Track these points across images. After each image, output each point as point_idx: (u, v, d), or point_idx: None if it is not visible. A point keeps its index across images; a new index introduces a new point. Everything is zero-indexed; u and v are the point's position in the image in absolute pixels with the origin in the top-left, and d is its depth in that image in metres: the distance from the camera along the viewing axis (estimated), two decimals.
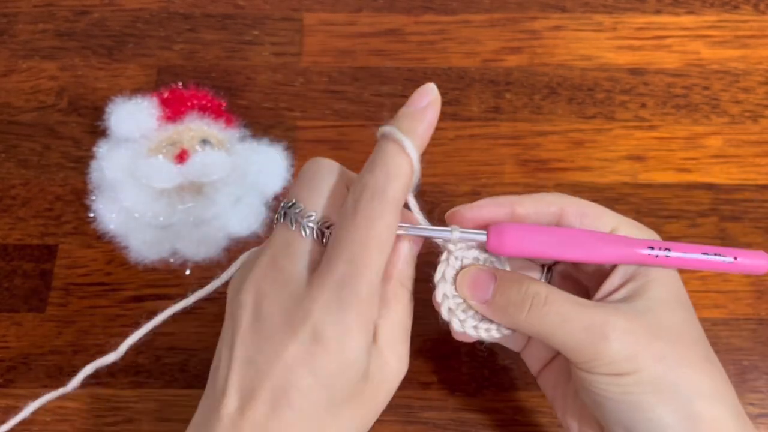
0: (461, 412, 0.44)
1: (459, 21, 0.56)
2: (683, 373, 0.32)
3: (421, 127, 0.31)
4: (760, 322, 0.46)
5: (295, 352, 0.29)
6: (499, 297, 0.34)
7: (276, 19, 0.56)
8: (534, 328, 0.33)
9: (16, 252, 0.48)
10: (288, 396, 0.29)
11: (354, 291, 0.30)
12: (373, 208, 0.30)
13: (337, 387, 0.30)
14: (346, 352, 0.30)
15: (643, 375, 0.32)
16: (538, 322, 0.33)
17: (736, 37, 0.55)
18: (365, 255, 0.30)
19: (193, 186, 0.47)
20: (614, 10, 0.56)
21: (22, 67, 0.54)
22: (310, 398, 0.30)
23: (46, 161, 0.51)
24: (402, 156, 0.31)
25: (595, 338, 0.32)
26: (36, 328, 0.46)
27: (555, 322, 0.32)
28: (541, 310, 0.33)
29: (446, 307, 0.34)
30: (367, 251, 0.30)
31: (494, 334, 0.35)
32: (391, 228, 0.30)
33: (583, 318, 0.32)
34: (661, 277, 0.34)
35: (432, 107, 0.32)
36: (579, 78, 0.54)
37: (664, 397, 0.32)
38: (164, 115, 0.49)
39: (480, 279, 0.34)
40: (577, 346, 0.32)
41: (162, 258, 0.47)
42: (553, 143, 0.52)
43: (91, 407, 0.44)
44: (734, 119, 0.53)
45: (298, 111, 0.53)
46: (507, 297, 0.33)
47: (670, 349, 0.32)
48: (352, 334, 0.30)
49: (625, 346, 0.32)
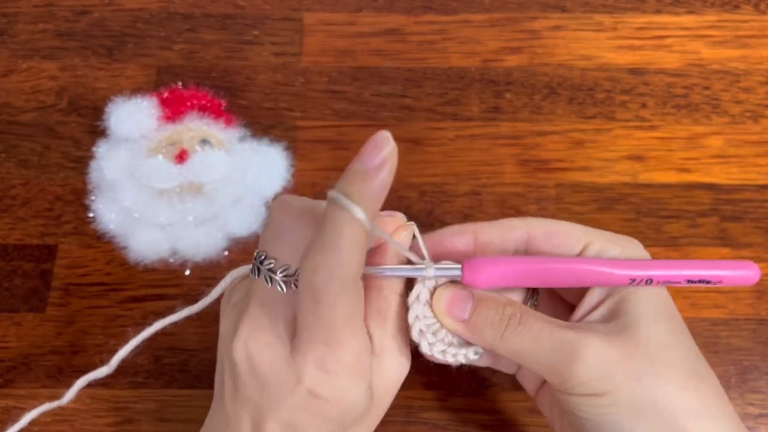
0: (461, 412, 0.44)
1: (459, 21, 0.56)
2: (664, 391, 0.31)
3: (373, 188, 0.28)
4: (761, 322, 0.46)
5: (296, 403, 0.30)
6: (476, 317, 0.33)
7: (276, 19, 0.56)
8: (509, 348, 0.33)
9: (15, 252, 0.48)
10: (296, 428, 0.31)
11: (339, 363, 0.30)
12: (333, 293, 0.29)
13: (345, 422, 0.32)
14: (347, 401, 0.31)
15: (619, 395, 0.31)
16: (513, 342, 0.33)
17: (736, 36, 0.55)
18: (338, 336, 0.30)
19: (193, 186, 0.47)
20: (614, 10, 0.56)
21: (22, 67, 0.54)
22: (318, 429, 0.31)
23: (46, 161, 0.51)
24: (353, 226, 0.28)
25: (567, 358, 0.31)
26: (36, 328, 0.46)
27: (528, 342, 0.32)
28: (515, 331, 0.32)
29: (417, 329, 0.34)
30: (338, 333, 0.30)
31: (461, 359, 0.35)
32: (355, 303, 0.30)
33: (555, 338, 0.32)
34: (641, 290, 0.34)
35: (386, 165, 0.28)
36: (579, 78, 0.54)
37: (644, 417, 0.31)
38: (164, 115, 0.49)
39: (457, 298, 0.34)
40: (550, 367, 0.32)
41: (162, 258, 0.47)
42: (553, 143, 0.52)
43: (90, 407, 0.44)
44: (735, 119, 0.53)
45: (298, 111, 0.53)
46: (485, 317, 0.33)
47: (648, 367, 0.31)
48: (350, 390, 0.31)
49: (597, 365, 0.31)
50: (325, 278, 0.28)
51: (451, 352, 0.35)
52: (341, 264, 0.28)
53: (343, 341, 0.30)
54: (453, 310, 0.34)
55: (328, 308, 0.29)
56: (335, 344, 0.30)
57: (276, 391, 0.31)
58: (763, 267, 0.48)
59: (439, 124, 0.52)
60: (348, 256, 0.28)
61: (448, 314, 0.34)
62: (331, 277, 0.28)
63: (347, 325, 0.30)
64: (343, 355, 0.30)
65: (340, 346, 0.30)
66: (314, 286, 0.29)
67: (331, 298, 0.29)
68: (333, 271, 0.28)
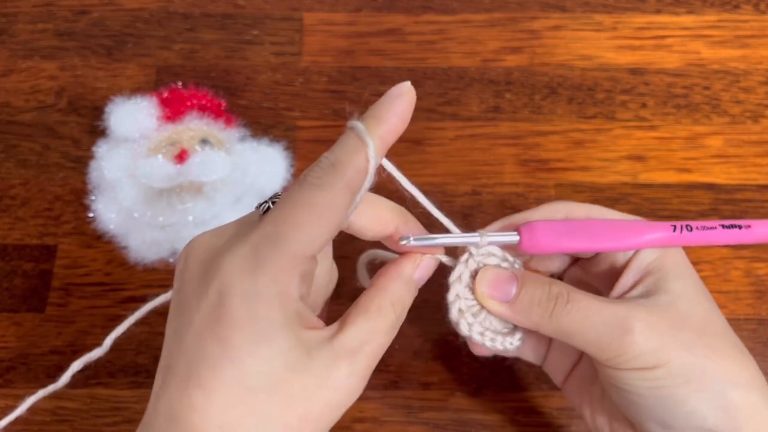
0: (461, 412, 0.44)
1: (459, 21, 0.56)
2: (713, 361, 0.32)
3: (384, 126, 0.30)
4: (761, 322, 0.46)
5: (202, 316, 0.27)
6: (523, 297, 0.33)
7: (276, 18, 0.56)
8: (558, 327, 0.33)
9: (15, 252, 0.48)
10: (198, 373, 0.26)
11: (272, 254, 0.27)
12: (320, 177, 0.28)
13: (250, 367, 0.27)
14: (255, 323, 0.27)
15: (671, 367, 0.31)
16: (562, 321, 0.32)
17: (736, 36, 0.55)
18: (295, 217, 0.27)
19: (192, 186, 0.47)
20: (614, 10, 0.56)
21: (22, 67, 0.54)
22: (218, 374, 0.26)
23: (45, 161, 0.51)
24: (359, 143, 0.29)
25: (619, 333, 0.31)
26: (35, 328, 0.46)
27: (578, 320, 0.32)
28: (564, 309, 0.32)
29: (456, 308, 0.34)
30: (298, 215, 0.27)
31: (498, 345, 0.35)
32: (334, 203, 0.28)
33: (605, 314, 0.32)
34: (677, 270, 0.34)
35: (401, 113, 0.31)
36: (579, 78, 0.54)
37: (697, 388, 0.31)
38: (164, 114, 0.49)
39: (501, 278, 0.34)
40: (602, 343, 0.32)
41: (162, 258, 0.47)
42: (553, 143, 0.52)
43: (90, 407, 0.44)
44: (735, 119, 0.53)
45: (298, 111, 0.53)
46: (531, 297, 0.33)
47: (698, 339, 0.32)
48: (261, 302, 0.27)
49: (650, 338, 0.31)
50: (319, 166, 0.29)
51: (490, 335, 0.35)
52: (339, 161, 0.29)
53: (295, 226, 0.27)
54: (496, 291, 0.34)
55: (309, 188, 0.28)
56: (286, 226, 0.27)
57: (192, 303, 0.27)
58: (764, 267, 0.48)
59: (439, 124, 0.52)
60: (348, 159, 0.29)
61: (490, 296, 0.34)
62: (325, 165, 0.29)
63: (310, 214, 0.28)
64: (282, 247, 0.27)
65: (288, 232, 0.27)
66: (308, 172, 0.29)
67: (317, 181, 0.28)
68: (330, 162, 0.29)
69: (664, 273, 0.34)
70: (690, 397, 0.32)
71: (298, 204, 0.28)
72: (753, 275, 0.48)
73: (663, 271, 0.34)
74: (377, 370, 0.45)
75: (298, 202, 0.28)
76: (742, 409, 0.31)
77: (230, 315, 0.27)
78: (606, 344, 0.32)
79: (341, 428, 0.43)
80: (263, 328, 0.27)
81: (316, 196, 0.28)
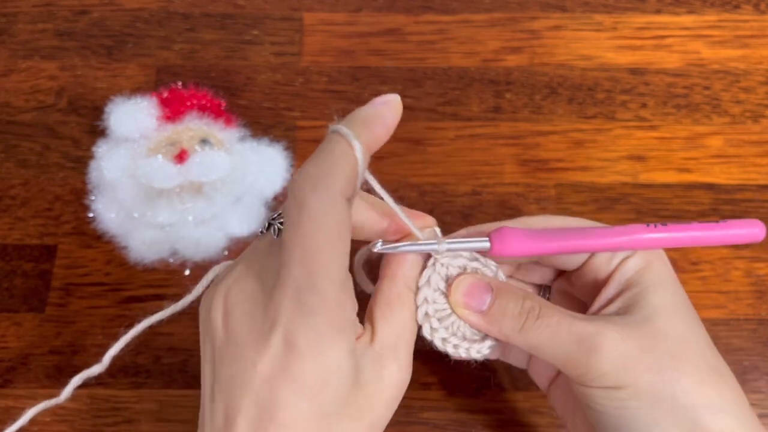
0: (461, 413, 0.44)
1: (459, 21, 0.56)
2: (684, 385, 0.31)
3: (370, 133, 0.30)
4: (761, 323, 0.46)
5: (270, 364, 0.28)
6: (495, 309, 0.33)
7: (276, 18, 0.56)
8: (527, 341, 0.33)
9: (15, 252, 0.48)
10: (271, 411, 0.28)
11: (317, 295, 0.28)
12: (319, 203, 0.28)
13: (324, 397, 0.28)
14: (324, 358, 0.28)
15: (637, 388, 0.31)
16: (531, 336, 0.32)
17: (736, 36, 0.55)
18: (318, 257, 0.28)
19: (192, 186, 0.47)
20: (614, 10, 0.56)
21: (22, 67, 0.54)
22: (295, 412, 0.28)
23: (45, 161, 0.51)
24: (348, 152, 0.29)
25: (585, 351, 0.31)
26: (35, 328, 0.46)
27: (547, 336, 0.32)
28: (534, 324, 0.32)
29: (423, 311, 0.34)
30: (319, 252, 0.28)
31: (461, 352, 0.35)
32: (341, 223, 0.28)
33: (574, 330, 0.32)
34: (658, 283, 0.33)
35: (387, 120, 0.30)
36: (579, 78, 0.54)
37: (664, 411, 0.31)
38: (164, 114, 0.49)
39: (476, 288, 0.34)
40: (569, 360, 0.32)
41: (161, 258, 0.47)
42: (553, 143, 0.52)
43: (90, 407, 0.44)
44: (735, 119, 0.53)
45: (298, 111, 0.53)
46: (504, 309, 0.33)
47: (667, 361, 0.31)
48: (326, 339, 0.28)
49: (617, 357, 0.31)
50: (311, 186, 0.28)
51: (453, 342, 0.34)
52: (331, 176, 0.28)
53: (322, 264, 0.27)
54: (471, 300, 0.33)
55: (312, 220, 0.27)
56: (314, 266, 0.27)
57: (251, 352, 0.28)
58: (764, 267, 0.48)
59: (439, 124, 0.52)
60: (339, 173, 0.28)
61: (465, 305, 0.34)
62: (318, 185, 0.28)
63: (328, 246, 0.27)
64: (322, 284, 0.27)
65: (319, 270, 0.27)
66: (301, 193, 0.28)
67: (317, 209, 0.28)
68: (321, 180, 0.28)
69: (644, 287, 0.33)
70: (656, 420, 0.31)
71: (312, 243, 0.28)
72: (753, 275, 0.48)
73: (643, 284, 0.33)
74: None
75: (310, 239, 0.28)
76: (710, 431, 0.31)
77: (302, 359, 0.28)
78: (573, 361, 0.32)
79: None
80: (331, 363, 0.28)
81: (324, 227, 0.28)
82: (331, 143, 0.29)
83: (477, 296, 0.34)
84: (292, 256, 0.28)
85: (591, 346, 0.31)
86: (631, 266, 0.34)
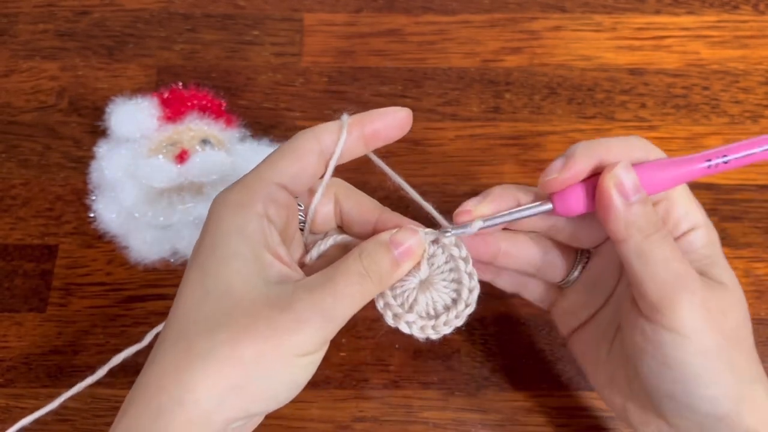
0: (461, 412, 0.44)
1: (459, 21, 0.56)
2: (738, 353, 0.33)
3: (368, 119, 0.34)
4: (760, 323, 0.46)
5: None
6: (640, 206, 0.33)
7: (276, 19, 0.56)
8: (643, 249, 0.33)
9: (16, 252, 0.48)
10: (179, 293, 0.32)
11: (245, 178, 0.33)
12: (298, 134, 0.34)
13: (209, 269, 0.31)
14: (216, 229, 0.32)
15: (706, 345, 0.32)
16: (653, 247, 0.33)
17: (735, 37, 0.55)
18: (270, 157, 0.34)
19: (193, 186, 0.47)
20: (614, 11, 0.56)
21: (23, 68, 0.54)
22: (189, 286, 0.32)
23: (46, 161, 0.51)
24: (338, 122, 0.34)
25: (684, 288, 0.32)
26: (36, 328, 0.46)
27: (662, 255, 0.33)
28: (662, 240, 0.33)
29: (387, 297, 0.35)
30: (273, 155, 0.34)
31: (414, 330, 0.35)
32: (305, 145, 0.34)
33: (684, 267, 0.33)
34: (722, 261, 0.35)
35: (396, 113, 0.34)
36: (579, 78, 0.54)
37: (723, 375, 0.33)
38: (164, 115, 0.49)
39: (633, 180, 0.33)
40: (665, 288, 0.32)
41: (162, 258, 0.47)
42: (553, 143, 0.52)
43: (91, 407, 0.44)
44: (734, 119, 0.53)
45: (298, 111, 0.53)
46: (646, 212, 0.33)
47: (734, 331, 0.33)
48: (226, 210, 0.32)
49: (701, 309, 0.32)
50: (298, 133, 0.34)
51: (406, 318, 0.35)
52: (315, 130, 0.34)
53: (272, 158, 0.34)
54: (627, 188, 0.33)
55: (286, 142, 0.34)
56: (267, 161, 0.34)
57: None
58: (763, 267, 0.48)
59: (439, 125, 0.52)
60: (323, 130, 0.34)
61: (621, 187, 0.33)
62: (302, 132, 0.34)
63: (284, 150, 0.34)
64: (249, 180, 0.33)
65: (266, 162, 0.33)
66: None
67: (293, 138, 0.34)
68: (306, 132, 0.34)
69: (714, 260, 0.35)
70: (714, 382, 0.33)
71: (276, 150, 0.34)
72: (752, 275, 0.48)
73: (713, 257, 0.35)
74: (377, 369, 0.46)
75: (276, 149, 0.34)
76: (749, 401, 0.33)
77: (205, 226, 0.32)
78: (669, 291, 0.32)
79: (341, 427, 0.44)
80: (224, 229, 0.32)
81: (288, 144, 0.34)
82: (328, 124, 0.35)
83: (637, 185, 0.33)
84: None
85: (690, 287, 0.32)
86: (699, 237, 0.35)
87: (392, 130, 0.34)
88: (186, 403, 0.29)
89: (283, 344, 0.30)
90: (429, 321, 0.35)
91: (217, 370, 0.29)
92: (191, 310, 0.31)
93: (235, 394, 0.30)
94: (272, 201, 0.32)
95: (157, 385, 0.30)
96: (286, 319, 0.30)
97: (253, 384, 0.30)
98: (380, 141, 0.35)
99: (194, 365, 0.29)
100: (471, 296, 0.35)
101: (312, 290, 0.31)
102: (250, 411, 0.31)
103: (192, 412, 0.29)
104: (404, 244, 0.34)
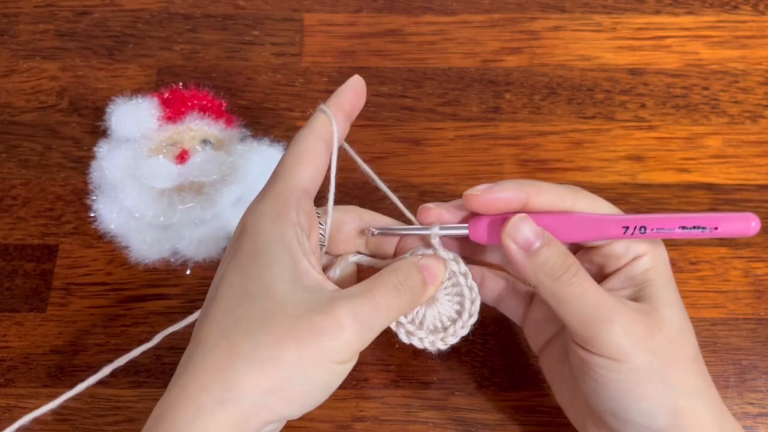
0: (461, 412, 0.44)
1: (459, 21, 0.56)
2: (672, 369, 0.34)
3: (339, 97, 0.37)
4: (759, 322, 0.46)
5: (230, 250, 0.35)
6: (543, 255, 0.35)
7: (276, 19, 0.56)
8: (556, 292, 0.34)
9: (16, 252, 0.48)
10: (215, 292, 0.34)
11: (271, 188, 0.35)
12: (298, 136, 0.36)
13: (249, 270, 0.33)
14: (256, 236, 0.33)
15: (637, 365, 0.34)
16: (563, 289, 0.34)
17: (735, 37, 0.56)
18: (285, 164, 0.35)
19: (193, 186, 0.47)
20: (614, 11, 0.57)
21: (23, 68, 0.54)
22: (227, 281, 0.33)
23: (46, 161, 0.51)
24: (321, 112, 0.36)
25: (603, 318, 0.34)
26: (37, 327, 0.46)
27: (576, 293, 0.34)
28: (569, 280, 0.34)
29: None
30: (287, 162, 0.35)
31: (426, 344, 0.38)
32: (313, 147, 0.35)
33: (599, 297, 0.34)
34: (664, 283, 0.36)
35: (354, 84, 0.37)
36: (578, 78, 0.54)
37: (653, 390, 0.34)
38: (165, 115, 0.49)
39: (533, 233, 0.35)
40: (586, 321, 0.34)
41: (162, 258, 0.47)
42: (553, 143, 0.52)
43: (91, 407, 0.44)
44: (733, 119, 0.53)
45: (298, 111, 0.53)
46: (547, 258, 0.35)
47: (666, 346, 0.34)
48: (264, 218, 0.34)
49: (627, 333, 0.34)
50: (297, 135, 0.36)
51: (418, 334, 0.38)
52: (311, 126, 0.36)
53: (290, 164, 0.35)
54: (525, 240, 0.35)
55: (292, 146, 0.36)
56: (285, 167, 0.36)
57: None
58: (763, 267, 0.48)
59: (439, 124, 0.52)
60: (318, 124, 0.36)
61: (514, 239, 0.35)
62: (301, 133, 0.36)
63: (298, 158, 0.35)
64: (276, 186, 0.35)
65: (285, 169, 0.35)
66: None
67: (297, 141, 0.36)
68: (304, 131, 0.36)
69: (653, 284, 0.36)
70: (646, 396, 0.34)
71: (289, 155, 0.36)
72: (752, 275, 0.48)
73: (652, 282, 0.36)
74: (377, 369, 0.46)
75: (288, 154, 0.36)
76: (687, 414, 0.34)
77: (243, 235, 0.33)
78: (589, 324, 0.34)
79: (341, 427, 0.44)
80: (265, 238, 0.33)
81: (298, 147, 0.35)
82: (314, 115, 0.37)
83: (530, 239, 0.35)
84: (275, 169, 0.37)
85: (609, 316, 0.34)
86: (642, 264, 0.36)
87: (360, 100, 0.37)
88: (227, 402, 0.30)
89: (324, 348, 0.31)
90: (438, 334, 0.38)
91: (259, 371, 0.30)
92: (232, 311, 0.32)
93: (275, 395, 0.31)
94: (302, 209, 0.34)
95: (198, 385, 0.30)
96: (327, 324, 0.31)
97: (291, 386, 0.31)
98: (355, 114, 0.37)
99: (236, 365, 0.30)
100: (474, 307, 0.38)
101: (351, 299, 0.32)
102: (284, 414, 0.32)
103: (232, 413, 0.30)
104: (431, 269, 0.36)
